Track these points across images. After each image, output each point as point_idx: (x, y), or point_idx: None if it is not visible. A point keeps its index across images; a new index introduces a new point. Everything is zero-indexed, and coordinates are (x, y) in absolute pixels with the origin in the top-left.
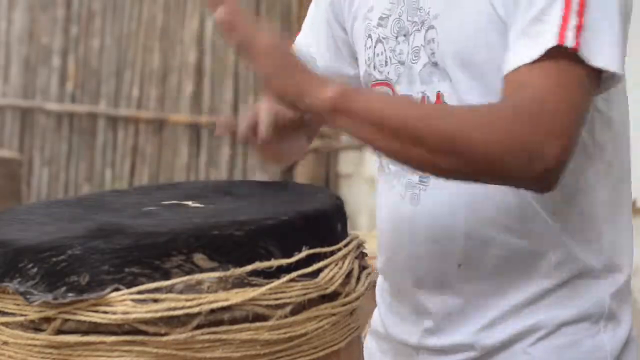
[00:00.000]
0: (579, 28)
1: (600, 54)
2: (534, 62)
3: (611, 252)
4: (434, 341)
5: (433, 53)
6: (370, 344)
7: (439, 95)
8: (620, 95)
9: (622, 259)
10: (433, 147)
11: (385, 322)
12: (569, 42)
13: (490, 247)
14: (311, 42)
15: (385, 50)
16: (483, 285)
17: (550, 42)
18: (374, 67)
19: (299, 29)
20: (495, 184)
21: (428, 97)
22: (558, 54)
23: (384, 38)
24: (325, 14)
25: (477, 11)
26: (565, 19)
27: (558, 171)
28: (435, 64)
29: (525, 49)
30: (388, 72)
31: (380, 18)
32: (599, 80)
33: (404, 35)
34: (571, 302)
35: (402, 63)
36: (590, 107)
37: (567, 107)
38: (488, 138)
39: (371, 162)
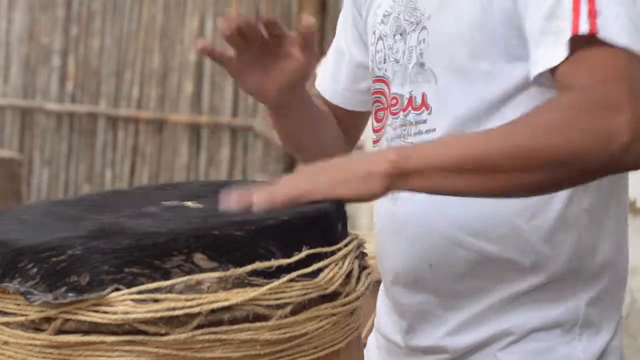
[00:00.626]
0: (592, 14)
1: (621, 35)
2: (564, 61)
3: (591, 259)
4: (411, 341)
5: (422, 53)
6: (370, 340)
7: (423, 96)
8: None
9: (605, 267)
10: (509, 170)
11: (380, 319)
12: (584, 28)
13: (459, 249)
14: (341, 36)
15: (384, 48)
16: (454, 286)
17: (567, 35)
18: (375, 64)
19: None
20: (584, 181)
21: (415, 97)
22: (582, 44)
23: (384, 35)
24: (351, 12)
25: (467, 12)
26: (576, 8)
27: (637, 143)
28: (422, 65)
29: (550, 48)
30: (385, 70)
31: (384, 15)
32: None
33: (401, 34)
34: (543, 308)
35: (397, 61)
36: None
37: (613, 84)
38: (554, 140)
39: None
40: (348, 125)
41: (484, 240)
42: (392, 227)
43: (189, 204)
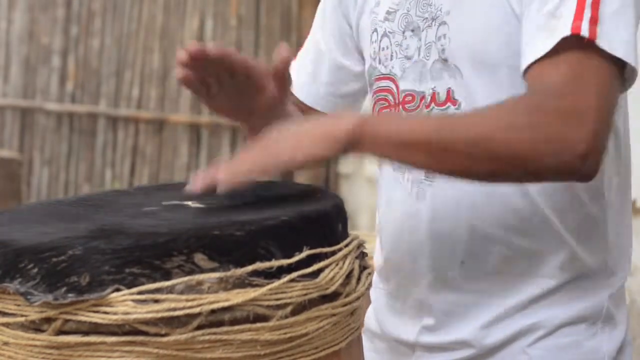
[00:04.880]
0: (594, 20)
1: (618, 46)
2: (550, 55)
3: (612, 254)
4: (431, 338)
5: (443, 49)
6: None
7: (449, 92)
8: (622, 104)
9: (621, 262)
10: (462, 155)
11: (381, 320)
12: (584, 32)
13: (493, 245)
14: (320, 38)
15: (391, 45)
16: (485, 283)
17: (565, 32)
18: (379, 61)
19: (298, 29)
20: (535, 181)
21: (438, 93)
22: (573, 45)
23: (390, 32)
24: (334, 10)
25: (491, 7)
26: (579, 12)
27: (592, 156)
28: (445, 60)
29: (541, 43)
30: (392, 67)
31: (387, 12)
32: (622, 74)
33: (412, 31)
34: (571, 303)
35: (408, 58)
36: (616, 98)
37: (587, 94)
38: (511, 137)
39: (371, 162)
40: None
41: (519, 235)
42: (416, 226)
43: (189, 204)
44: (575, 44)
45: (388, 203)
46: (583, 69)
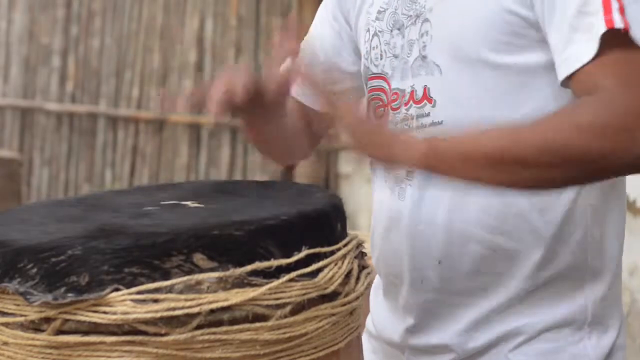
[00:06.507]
0: (622, 10)
1: None
2: (594, 58)
3: (597, 255)
4: (415, 340)
5: (425, 46)
6: (363, 344)
7: (425, 90)
8: None
9: (607, 263)
10: (538, 165)
11: (376, 320)
12: (618, 23)
13: (470, 244)
14: (317, 36)
15: (380, 44)
16: (464, 283)
17: (601, 29)
18: (370, 61)
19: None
20: (607, 178)
21: (416, 90)
22: (611, 40)
23: (379, 32)
24: (332, 10)
25: (476, 4)
26: (606, 4)
27: None
28: (424, 58)
29: (580, 46)
30: (383, 66)
31: (378, 12)
32: None
33: (398, 29)
34: (554, 307)
35: (396, 57)
36: None
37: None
38: (589, 139)
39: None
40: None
41: (498, 235)
42: (397, 225)
43: (189, 203)
44: (613, 39)
45: (378, 203)
46: (626, 62)
